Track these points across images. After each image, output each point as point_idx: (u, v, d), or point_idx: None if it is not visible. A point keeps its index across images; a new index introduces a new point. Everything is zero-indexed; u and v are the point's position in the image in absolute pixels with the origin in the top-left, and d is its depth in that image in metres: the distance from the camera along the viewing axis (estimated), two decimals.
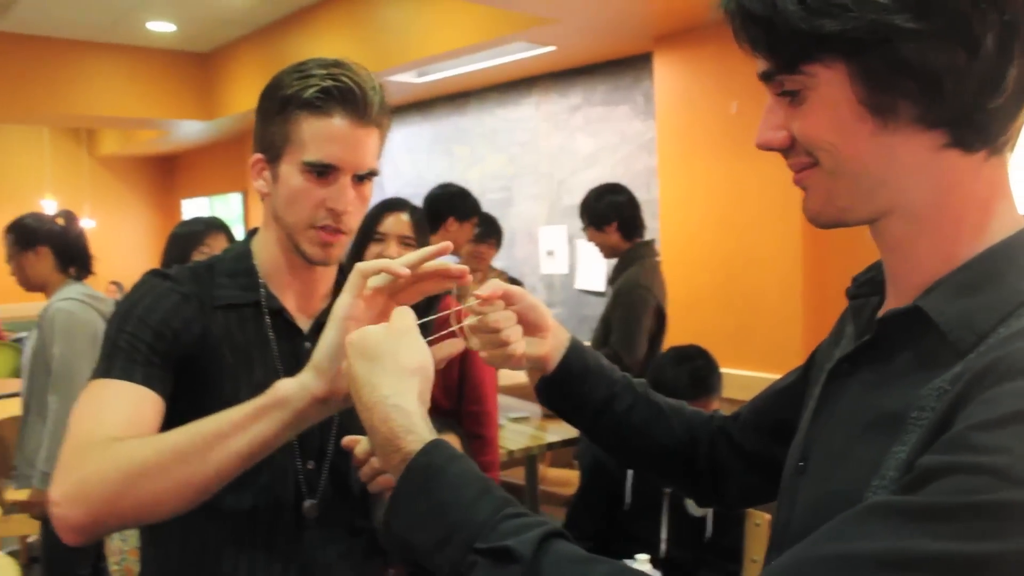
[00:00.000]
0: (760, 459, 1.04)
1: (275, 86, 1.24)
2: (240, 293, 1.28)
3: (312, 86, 1.19)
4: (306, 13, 6.39)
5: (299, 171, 1.22)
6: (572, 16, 4.22)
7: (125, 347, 1.16)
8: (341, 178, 1.22)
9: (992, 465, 0.56)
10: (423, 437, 0.79)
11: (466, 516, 0.73)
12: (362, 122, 1.21)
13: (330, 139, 1.20)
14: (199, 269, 1.30)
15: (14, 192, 10.30)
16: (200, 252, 2.84)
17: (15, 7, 6.22)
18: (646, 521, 2.51)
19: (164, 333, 1.19)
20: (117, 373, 1.14)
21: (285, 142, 1.22)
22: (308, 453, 1.27)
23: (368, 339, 0.87)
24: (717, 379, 2.66)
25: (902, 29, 0.65)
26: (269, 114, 1.24)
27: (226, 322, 1.25)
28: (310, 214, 1.23)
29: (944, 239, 0.73)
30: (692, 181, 4.39)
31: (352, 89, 1.20)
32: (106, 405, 1.12)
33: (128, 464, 1.00)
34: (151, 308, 1.20)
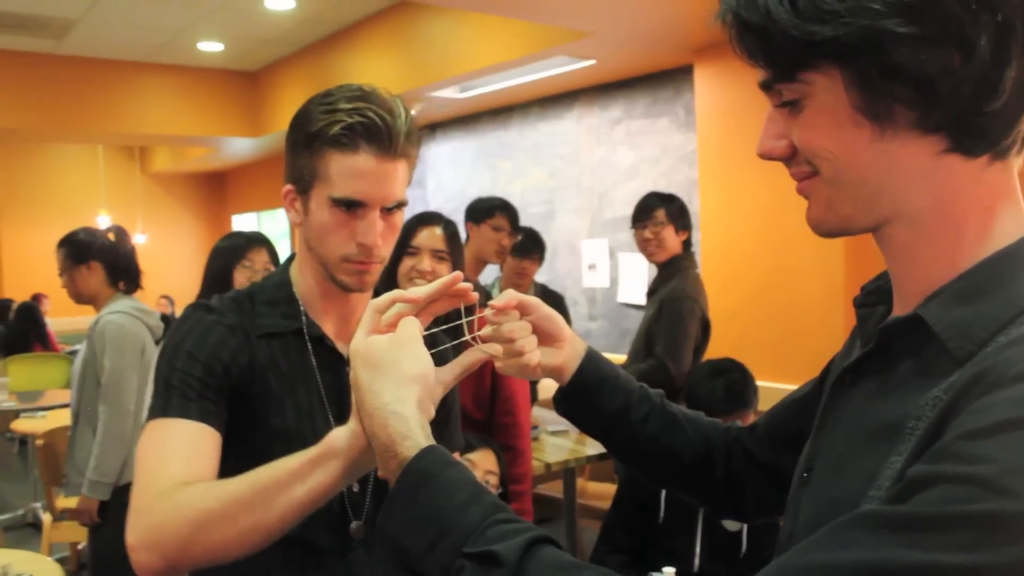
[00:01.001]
0: (775, 470, 1.03)
1: (303, 119, 1.25)
2: (282, 321, 1.30)
3: (337, 122, 1.20)
4: (350, 31, 6.49)
5: (327, 206, 1.23)
6: (609, 29, 4.23)
7: (178, 385, 1.18)
8: (369, 213, 1.23)
9: (978, 475, 0.55)
10: (419, 443, 0.80)
11: (456, 520, 0.74)
12: (388, 156, 1.22)
13: (356, 175, 1.21)
14: (240, 298, 1.32)
15: (70, 208, 10.61)
16: (242, 267, 2.88)
17: (72, 32, 6.42)
18: (680, 535, 2.49)
19: (214, 367, 1.21)
20: (174, 411, 1.16)
21: (314, 176, 1.24)
22: None
23: (372, 347, 0.89)
24: (753, 393, 2.64)
25: (894, 34, 0.65)
26: (298, 147, 1.26)
27: (270, 350, 1.28)
28: (341, 248, 1.24)
29: (946, 246, 0.72)
30: (733, 193, 4.37)
31: (377, 124, 1.20)
32: (168, 445, 1.14)
33: (195, 514, 1.02)
34: (199, 343, 1.22)
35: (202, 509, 1.02)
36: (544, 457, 3.38)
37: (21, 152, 10.72)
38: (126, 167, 11.48)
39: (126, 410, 3.14)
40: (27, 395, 6.10)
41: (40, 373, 7.18)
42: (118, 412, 3.12)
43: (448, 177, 7.11)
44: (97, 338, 3.18)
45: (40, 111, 7.05)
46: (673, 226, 3.57)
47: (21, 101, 6.95)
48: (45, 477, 4.29)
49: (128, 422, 3.14)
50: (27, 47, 6.85)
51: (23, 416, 5.52)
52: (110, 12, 6.04)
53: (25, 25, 6.22)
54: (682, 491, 1.16)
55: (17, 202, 10.71)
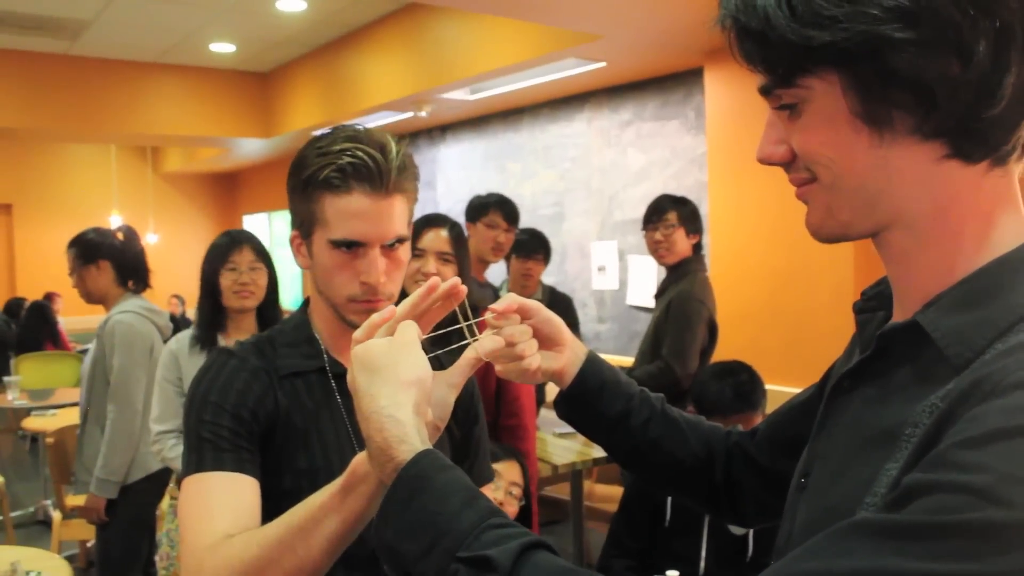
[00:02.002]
0: (775, 474, 1.03)
1: (299, 165, 1.26)
2: (304, 361, 1.31)
3: (328, 165, 1.21)
4: (361, 33, 6.51)
5: (328, 249, 1.24)
6: (620, 32, 4.23)
7: (210, 437, 1.19)
8: (369, 251, 1.24)
9: (972, 484, 0.55)
10: (415, 447, 0.80)
11: (450, 525, 0.74)
12: (382, 194, 1.22)
13: (351, 216, 1.22)
14: (261, 342, 1.33)
15: (83, 207, 10.68)
16: (227, 270, 2.88)
17: (85, 33, 6.46)
18: (687, 539, 2.48)
19: (242, 415, 1.22)
20: (209, 465, 1.17)
21: (313, 221, 1.25)
22: None
23: (370, 351, 0.89)
24: (761, 395, 2.64)
25: (892, 39, 0.65)
26: (296, 192, 1.27)
27: (293, 390, 1.29)
28: (345, 289, 1.25)
29: (945, 252, 0.72)
30: (742, 196, 4.36)
31: (367, 163, 1.21)
32: (210, 500, 1.15)
33: (240, 564, 1.03)
34: (224, 392, 1.23)
35: (247, 559, 1.04)
36: (551, 459, 3.38)
37: (34, 152, 10.79)
38: (138, 167, 11.54)
39: (134, 409, 3.16)
40: (38, 393, 6.14)
41: (51, 372, 7.23)
42: (126, 411, 3.13)
43: (458, 179, 7.12)
44: (107, 337, 3.19)
45: (53, 111, 7.09)
46: (684, 229, 3.56)
47: (35, 101, 7.00)
48: (55, 475, 4.31)
49: (136, 421, 3.15)
50: (41, 48, 6.89)
51: (34, 414, 5.55)
52: (123, 13, 6.08)
53: (39, 26, 6.26)
54: (682, 495, 1.15)
55: (30, 201, 10.78)
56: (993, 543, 0.54)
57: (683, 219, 3.56)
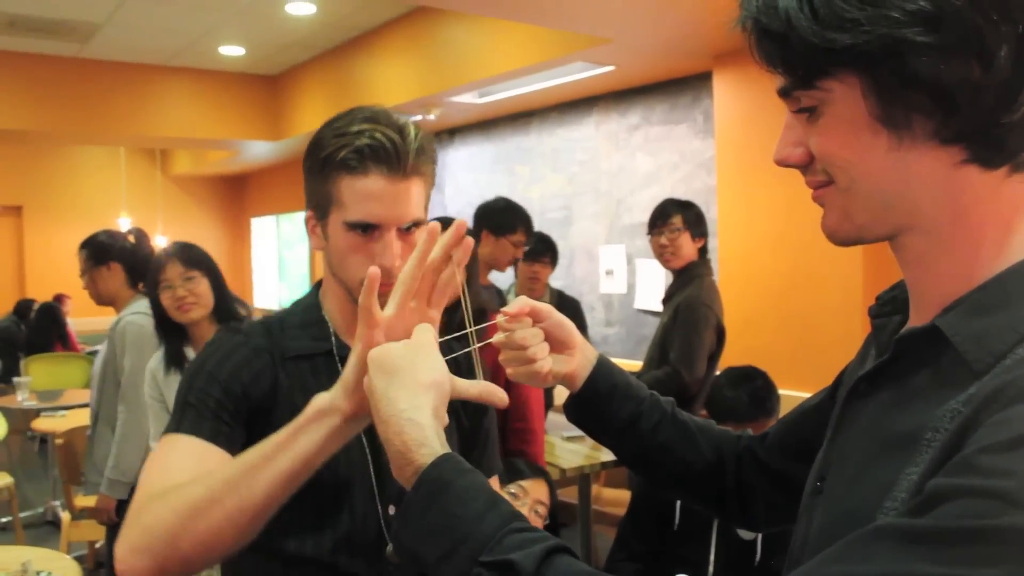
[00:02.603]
0: (786, 479, 1.03)
1: (316, 145, 1.25)
2: (311, 343, 1.30)
3: (346, 145, 1.20)
4: (370, 36, 6.53)
5: (343, 231, 1.23)
6: (629, 36, 4.23)
7: (194, 403, 1.19)
8: (385, 234, 1.22)
9: (998, 489, 0.55)
10: (435, 451, 0.80)
11: (472, 529, 0.74)
12: (398, 176, 1.21)
13: (368, 197, 1.20)
14: (271, 323, 1.33)
15: (92, 209, 10.71)
16: (163, 289, 2.80)
17: (95, 36, 6.49)
18: (695, 543, 2.48)
19: (233, 388, 1.21)
20: (186, 428, 1.17)
21: (329, 202, 1.24)
22: (388, 498, 1.27)
23: (387, 354, 0.88)
24: (775, 401, 2.64)
25: (914, 43, 0.65)
26: (313, 173, 1.26)
27: (299, 372, 1.27)
28: (360, 271, 1.21)
29: (963, 257, 0.71)
30: (751, 200, 4.35)
31: (385, 146, 1.19)
32: (171, 461, 1.15)
33: (184, 504, 1.01)
34: (220, 363, 1.23)
35: (190, 499, 1.01)
36: (559, 463, 3.38)
37: (44, 154, 10.84)
38: (147, 169, 11.58)
39: (144, 410, 3.17)
40: (47, 394, 6.16)
41: (60, 373, 7.25)
42: (137, 412, 3.14)
43: (466, 182, 7.13)
44: (117, 338, 3.21)
45: (63, 113, 7.12)
46: (689, 233, 3.55)
47: (45, 104, 7.03)
48: (64, 476, 4.33)
49: (146, 422, 3.16)
50: (52, 51, 6.93)
51: (43, 415, 5.57)
52: (133, 16, 6.10)
53: (50, 29, 6.29)
54: (692, 500, 1.15)
55: (40, 203, 10.82)
56: (1019, 548, 0.53)
57: (688, 223, 3.56)
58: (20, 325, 8.63)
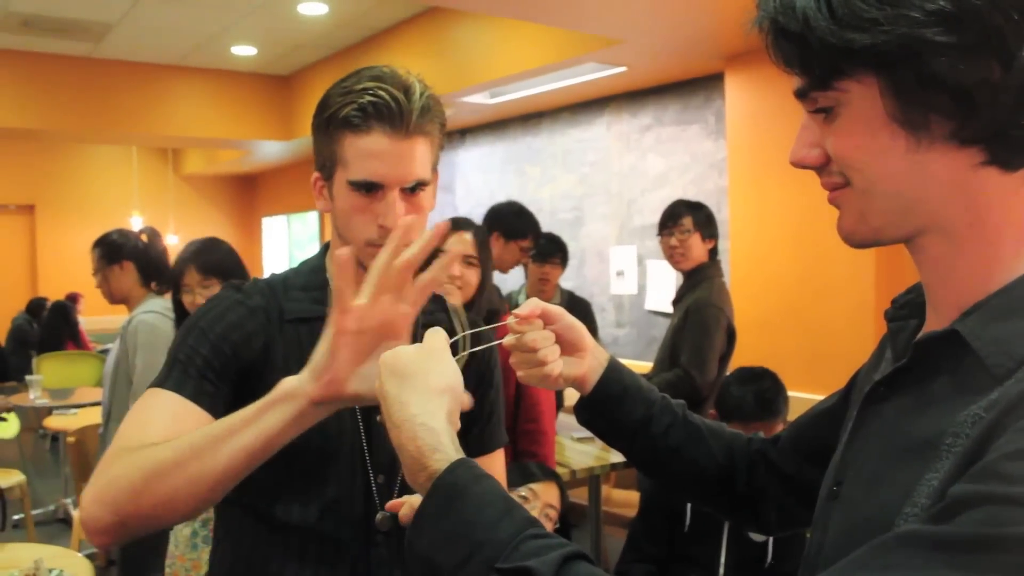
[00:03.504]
0: (799, 482, 1.02)
1: (323, 104, 1.24)
2: (312, 306, 1.27)
3: (350, 103, 1.18)
4: (381, 36, 6.54)
5: (347, 190, 1.21)
6: (641, 37, 4.23)
7: (182, 360, 1.18)
8: (388, 194, 1.20)
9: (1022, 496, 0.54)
10: (449, 456, 0.79)
11: (488, 535, 0.73)
12: (402, 135, 1.19)
13: (370, 156, 1.18)
14: (274, 282, 1.31)
15: (104, 208, 10.77)
16: (184, 294, 2.84)
17: (109, 36, 6.51)
18: (706, 545, 2.47)
19: (222, 348, 1.20)
20: (170, 385, 1.16)
21: (334, 161, 1.22)
22: (379, 467, 1.26)
23: (400, 358, 0.87)
24: (783, 402, 2.62)
25: (933, 43, 0.64)
26: (319, 132, 1.24)
27: (297, 335, 1.25)
28: (364, 232, 1.21)
29: (982, 260, 0.71)
30: (763, 201, 4.34)
31: (388, 104, 1.17)
32: (151, 415, 1.14)
33: (150, 464, 1.02)
34: (213, 321, 1.22)
35: (157, 459, 1.02)
36: (570, 464, 3.37)
37: (57, 153, 10.89)
38: (159, 169, 11.63)
39: None
40: (59, 392, 6.18)
41: (72, 371, 7.28)
42: None
43: (477, 182, 7.13)
44: (129, 337, 3.21)
45: (76, 113, 7.16)
46: (700, 234, 3.54)
47: (58, 103, 7.06)
48: (76, 473, 4.34)
49: None
50: (65, 50, 6.96)
51: (55, 413, 5.59)
52: (146, 16, 6.12)
53: (63, 29, 6.33)
54: (704, 503, 1.15)
55: (53, 202, 10.88)
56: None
57: (698, 224, 3.54)
58: (32, 323, 8.68)
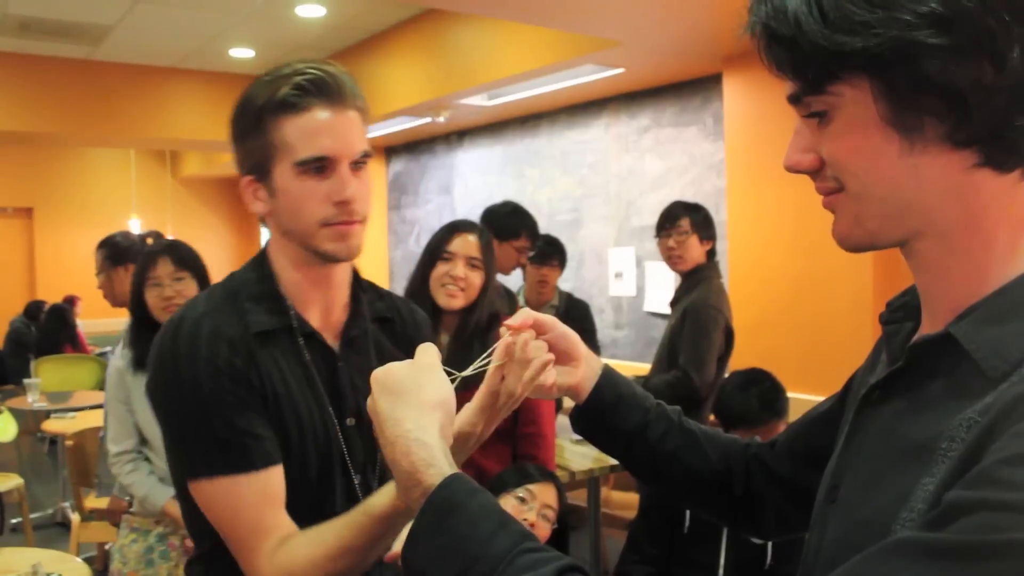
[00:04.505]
0: (796, 486, 1.02)
1: (246, 102, 1.22)
2: (271, 318, 1.24)
3: (282, 87, 1.18)
4: (379, 38, 6.53)
5: (295, 175, 1.19)
6: (639, 38, 4.23)
7: (228, 438, 1.15)
8: (338, 167, 1.19)
9: (1019, 502, 0.54)
10: (443, 471, 0.79)
11: (483, 550, 0.73)
12: (342, 107, 1.20)
13: (316, 132, 1.18)
14: (228, 296, 1.25)
15: (103, 211, 10.76)
16: (151, 286, 2.69)
17: (107, 38, 6.51)
18: (705, 546, 2.47)
19: (239, 369, 1.17)
20: (229, 468, 1.15)
21: (271, 152, 1.20)
22: (357, 467, 1.29)
23: (392, 374, 0.88)
24: (784, 402, 2.63)
25: (925, 45, 0.64)
26: (245, 132, 1.22)
27: (264, 351, 1.22)
28: (318, 212, 1.20)
29: (976, 261, 0.71)
30: (761, 203, 4.34)
31: (323, 78, 1.18)
32: (250, 505, 1.15)
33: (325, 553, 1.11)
34: (216, 393, 1.16)
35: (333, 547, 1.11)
36: (569, 466, 3.37)
37: (55, 156, 10.88)
38: (157, 171, 11.62)
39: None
40: (57, 396, 6.17)
41: (70, 374, 7.27)
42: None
43: (475, 184, 7.13)
44: None
45: (74, 116, 7.15)
46: (697, 235, 3.54)
47: (56, 106, 7.06)
48: (74, 477, 4.34)
49: None
50: (63, 53, 6.95)
51: (53, 416, 5.58)
52: (144, 19, 6.12)
53: (62, 32, 6.32)
54: (701, 509, 1.14)
55: (51, 205, 10.87)
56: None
57: (696, 226, 3.54)
58: (31, 327, 8.66)
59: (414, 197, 7.94)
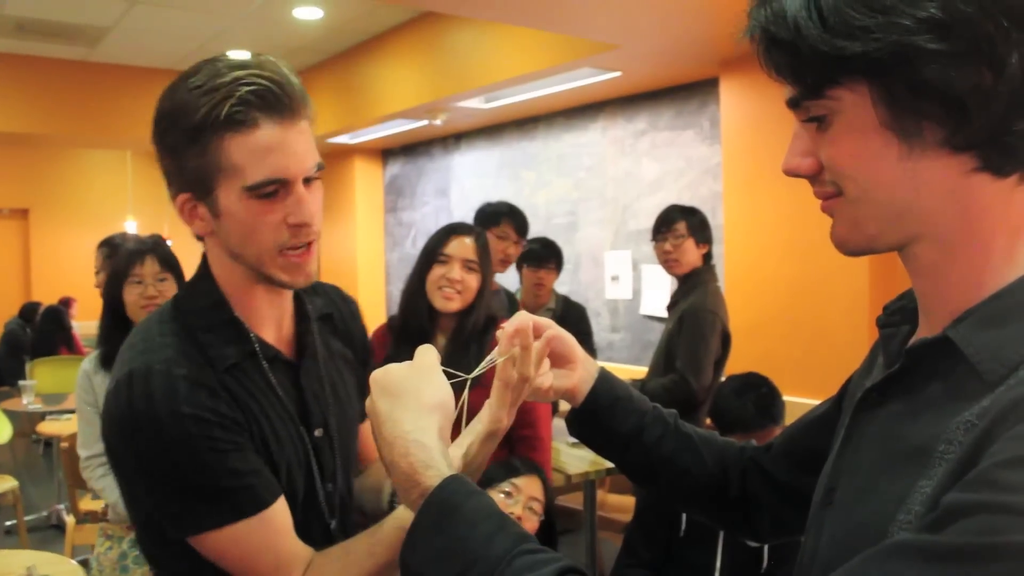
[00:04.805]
0: (792, 489, 1.02)
1: (179, 113, 1.07)
2: (234, 349, 1.14)
3: (223, 100, 1.03)
4: (377, 41, 6.54)
5: (243, 199, 1.07)
6: (636, 42, 4.23)
7: (232, 486, 1.08)
8: (294, 188, 1.08)
9: (1016, 505, 0.54)
10: (442, 472, 0.79)
11: (482, 551, 0.73)
12: (292, 119, 1.07)
13: (267, 152, 1.05)
14: (184, 340, 1.12)
15: (99, 212, 10.73)
16: (132, 283, 2.63)
17: (104, 39, 6.51)
18: (702, 549, 2.47)
19: (221, 410, 1.09)
20: (246, 511, 1.08)
21: (214, 173, 1.07)
22: (327, 476, 1.25)
23: (391, 376, 0.88)
24: (780, 406, 2.63)
25: (924, 50, 0.64)
26: (180, 147, 1.08)
27: (236, 384, 1.14)
28: (273, 238, 1.09)
29: (973, 266, 0.71)
30: (757, 206, 4.34)
31: (270, 90, 1.05)
32: (268, 543, 1.11)
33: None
34: (210, 444, 1.07)
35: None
36: (565, 469, 3.37)
37: (51, 157, 10.86)
38: (153, 173, 11.32)
39: None
40: (52, 398, 6.16)
41: (65, 376, 7.24)
42: None
43: (472, 187, 7.13)
44: None
45: (71, 117, 7.14)
46: (693, 239, 3.54)
47: (52, 107, 7.05)
48: (69, 479, 4.32)
49: None
50: (60, 54, 6.95)
51: (48, 418, 5.57)
52: (141, 21, 6.12)
53: (59, 33, 6.32)
54: (697, 512, 1.15)
55: (47, 206, 10.84)
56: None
57: (692, 229, 3.54)
58: (26, 328, 8.64)
59: (411, 200, 7.94)
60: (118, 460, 1.11)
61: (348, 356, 1.37)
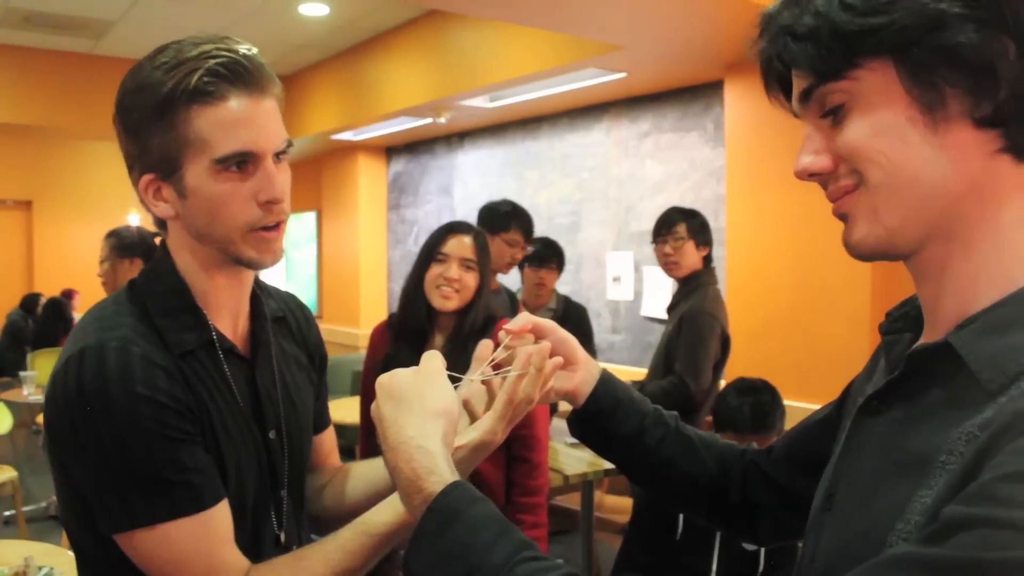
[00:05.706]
0: (792, 493, 1.02)
1: (143, 90, 1.04)
2: (191, 335, 1.11)
3: (192, 72, 1.01)
4: (382, 38, 6.54)
5: (212, 174, 1.04)
6: (641, 43, 4.23)
7: (175, 480, 1.02)
8: (263, 163, 1.06)
9: (1017, 520, 0.54)
10: (445, 479, 0.79)
11: (483, 558, 0.73)
12: (260, 95, 1.05)
13: (235, 124, 1.03)
14: (141, 321, 1.08)
15: (102, 205, 10.75)
16: None
17: (109, 33, 6.51)
18: (698, 553, 2.47)
19: (178, 398, 1.04)
20: (185, 509, 1.03)
21: (180, 148, 1.04)
22: (281, 482, 1.21)
23: (396, 381, 0.88)
24: (779, 417, 2.61)
25: (949, 14, 0.65)
26: (144, 124, 1.05)
27: (191, 372, 1.09)
28: (242, 216, 1.06)
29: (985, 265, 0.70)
30: (760, 209, 4.34)
31: (239, 61, 1.03)
32: (201, 549, 1.04)
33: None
34: (159, 429, 1.01)
35: None
36: (562, 469, 3.37)
37: (55, 149, 10.87)
38: None
39: None
40: None
41: None
42: None
43: (475, 186, 7.13)
44: None
45: (75, 109, 7.15)
46: (694, 241, 3.54)
47: (57, 99, 7.06)
48: None
49: None
50: (66, 47, 6.96)
51: None
52: (147, 14, 6.12)
53: (64, 25, 6.32)
54: (698, 514, 1.14)
55: (50, 198, 10.85)
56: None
57: (692, 231, 3.54)
58: (27, 319, 8.66)
59: (414, 197, 7.94)
60: (58, 443, 1.04)
61: (302, 360, 1.33)
